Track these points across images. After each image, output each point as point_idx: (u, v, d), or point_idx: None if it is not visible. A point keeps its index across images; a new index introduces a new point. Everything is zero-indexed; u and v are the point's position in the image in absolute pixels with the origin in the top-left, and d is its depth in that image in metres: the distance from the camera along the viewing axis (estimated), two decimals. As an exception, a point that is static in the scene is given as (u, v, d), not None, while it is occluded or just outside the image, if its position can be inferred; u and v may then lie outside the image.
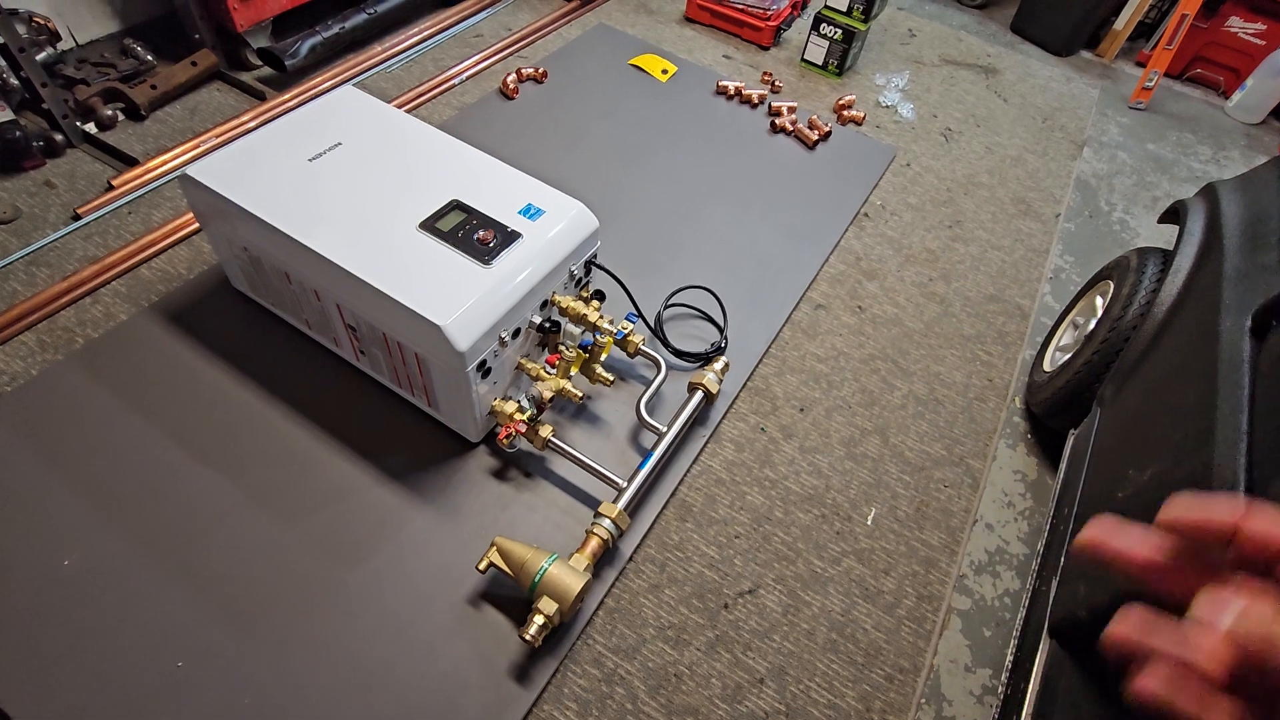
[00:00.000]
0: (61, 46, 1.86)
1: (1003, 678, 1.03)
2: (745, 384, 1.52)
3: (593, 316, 1.27)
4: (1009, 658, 1.04)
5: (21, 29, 1.76)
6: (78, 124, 1.74)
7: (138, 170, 1.68)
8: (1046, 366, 1.51)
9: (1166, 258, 1.30)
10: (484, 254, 1.18)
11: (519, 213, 1.26)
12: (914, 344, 1.66)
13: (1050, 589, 0.99)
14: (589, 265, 1.36)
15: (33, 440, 1.23)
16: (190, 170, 1.24)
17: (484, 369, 1.17)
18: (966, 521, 1.38)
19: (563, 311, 1.29)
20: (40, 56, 1.78)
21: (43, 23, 1.79)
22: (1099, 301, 1.44)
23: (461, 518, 1.23)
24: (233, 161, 1.26)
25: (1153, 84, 2.54)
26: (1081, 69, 2.77)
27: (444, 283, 1.13)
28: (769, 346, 1.59)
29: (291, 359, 1.39)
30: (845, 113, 2.23)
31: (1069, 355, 1.42)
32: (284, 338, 1.42)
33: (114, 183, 1.65)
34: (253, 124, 1.86)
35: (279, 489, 1.22)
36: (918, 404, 1.55)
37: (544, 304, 1.27)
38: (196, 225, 1.59)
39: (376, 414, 1.34)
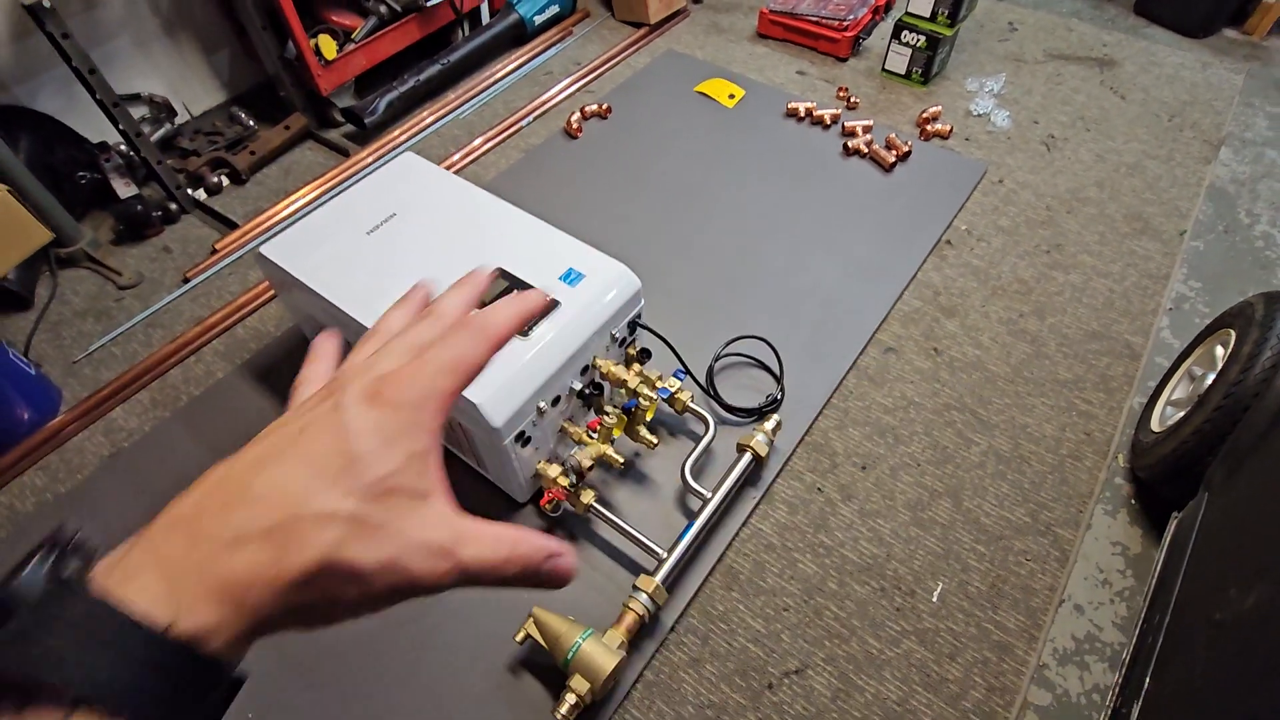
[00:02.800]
0: (178, 120, 2.07)
1: (1072, 810, 0.91)
2: (802, 439, 1.44)
3: (633, 381, 1.25)
4: (1081, 786, 0.92)
5: (144, 109, 1.98)
6: (189, 192, 1.93)
7: (236, 234, 1.84)
8: (1155, 425, 1.32)
9: (1304, 307, 1.10)
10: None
11: (560, 278, 1.27)
12: (998, 391, 1.51)
13: (1132, 713, 0.87)
14: (633, 325, 1.34)
15: (142, 494, 1.38)
16: (263, 249, 1.34)
17: (523, 439, 1.18)
18: (1051, 602, 1.24)
19: (603, 376, 1.28)
20: (160, 133, 2.00)
21: (161, 101, 2.01)
22: (1219, 352, 1.25)
23: (507, 580, 1.25)
24: (299, 239, 1.35)
25: (1315, 64, 2.16)
26: (1222, 52, 2.41)
27: (482, 356, 1.15)
28: (830, 396, 1.51)
29: (359, 416, 1.47)
30: (929, 127, 2.07)
31: (1180, 415, 1.24)
32: (353, 395, 1.50)
33: (217, 246, 1.82)
34: (338, 179, 1.99)
35: (342, 546, 1.30)
36: (999, 462, 1.41)
37: (585, 369, 1.27)
38: (283, 285, 1.73)
39: (432, 472, 1.39)
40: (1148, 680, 0.87)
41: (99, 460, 1.45)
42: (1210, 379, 1.21)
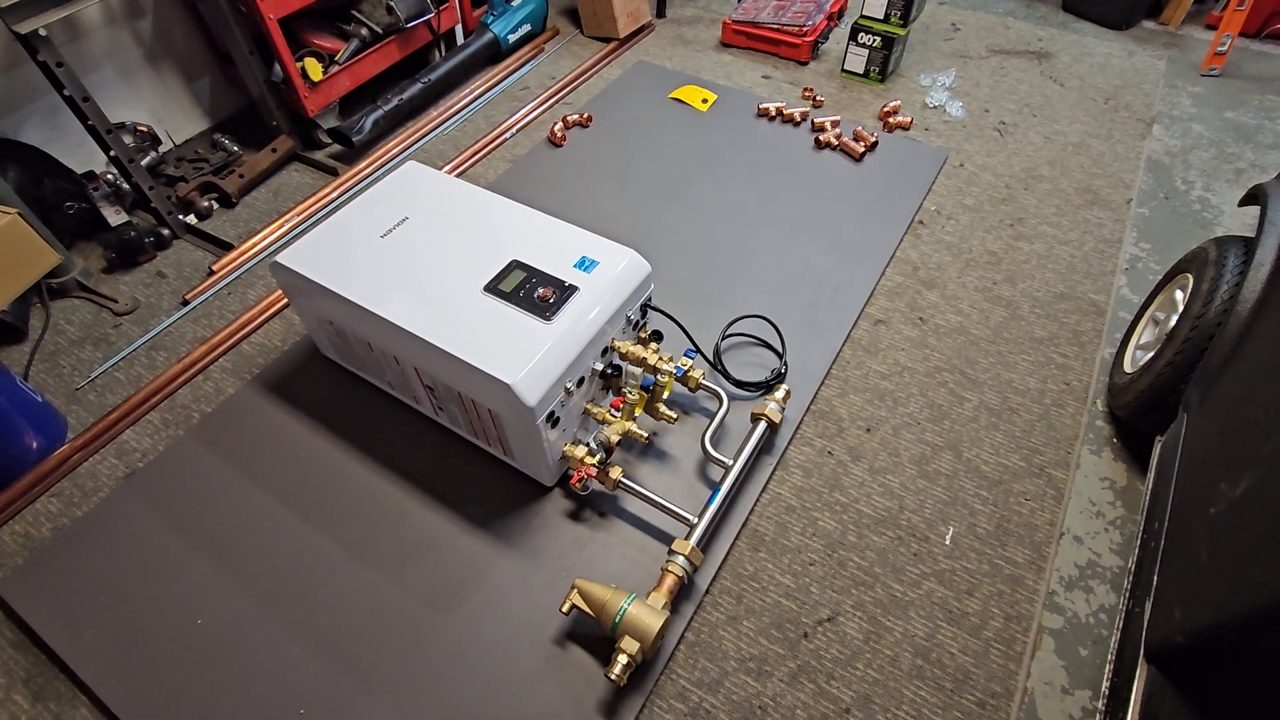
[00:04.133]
0: (162, 149, 2.08)
1: (1100, 704, 0.99)
2: (808, 408, 1.52)
3: (651, 359, 1.32)
4: (1105, 683, 1.00)
5: (129, 139, 1.98)
6: (180, 217, 1.94)
7: (233, 254, 1.86)
8: (1127, 367, 1.44)
9: (1249, 247, 1.23)
10: (545, 310, 1.24)
11: (574, 266, 1.33)
12: (982, 352, 1.63)
13: (1144, 611, 0.96)
14: (645, 308, 1.41)
15: (165, 510, 1.38)
16: (280, 258, 1.37)
17: (553, 419, 1.23)
18: (1052, 535, 1.33)
19: (623, 356, 1.34)
20: (145, 161, 2.00)
21: (145, 130, 2.01)
22: (1179, 296, 1.37)
23: (542, 560, 1.29)
24: (315, 246, 1.38)
25: (1226, 47, 2.39)
26: (1144, 40, 2.63)
27: (510, 342, 1.21)
28: (830, 368, 1.59)
29: (377, 418, 1.50)
30: (891, 119, 2.21)
31: (1150, 354, 1.36)
32: (369, 399, 1.53)
33: (214, 268, 1.83)
34: (330, 197, 2.02)
35: (376, 542, 1.32)
36: (990, 415, 1.51)
37: (605, 350, 1.33)
38: (286, 301, 1.74)
39: (457, 465, 1.42)
40: (1155, 578, 0.96)
41: (114, 482, 1.44)
42: (1174, 320, 1.34)
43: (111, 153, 1.73)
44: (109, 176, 1.89)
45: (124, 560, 1.31)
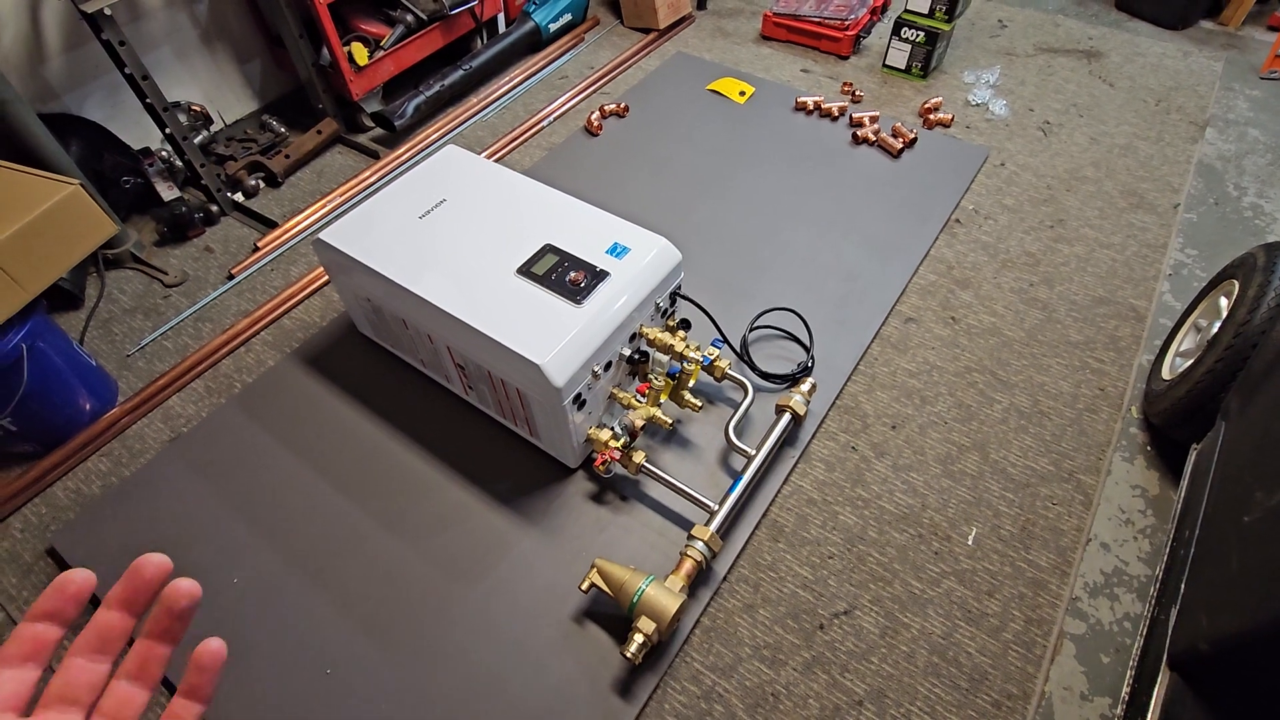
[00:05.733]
0: (213, 128, 2.15)
1: (1119, 711, 0.98)
2: (834, 402, 1.52)
3: (679, 346, 1.33)
4: (1126, 689, 0.99)
5: (182, 117, 2.05)
6: (228, 194, 2.00)
7: (277, 232, 1.92)
8: (1165, 374, 1.41)
9: (1300, 253, 1.20)
10: (576, 294, 1.26)
11: (606, 252, 1.35)
12: (1014, 354, 1.60)
13: (1170, 618, 0.94)
14: (674, 296, 1.42)
15: (206, 474, 1.43)
16: (322, 235, 1.41)
17: (579, 401, 1.26)
18: (1078, 541, 1.31)
19: (651, 343, 1.35)
20: (198, 139, 2.08)
21: (198, 110, 2.08)
22: (1223, 303, 1.34)
23: (563, 539, 1.32)
24: (356, 225, 1.42)
25: (1289, 50, 2.30)
26: (1201, 41, 2.55)
27: (541, 323, 1.23)
28: (857, 363, 1.59)
29: (409, 395, 1.54)
30: (932, 116, 2.18)
31: (1190, 362, 1.32)
32: (402, 376, 1.57)
33: (259, 244, 1.89)
34: (371, 179, 2.07)
35: (403, 513, 1.36)
36: (1020, 417, 1.49)
37: (633, 336, 1.35)
38: (326, 279, 1.80)
39: (484, 443, 1.45)
40: (1183, 586, 0.95)
41: (160, 445, 1.51)
42: (1216, 327, 1.30)
43: (167, 130, 1.80)
44: (163, 153, 1.96)
45: (167, 519, 1.37)
